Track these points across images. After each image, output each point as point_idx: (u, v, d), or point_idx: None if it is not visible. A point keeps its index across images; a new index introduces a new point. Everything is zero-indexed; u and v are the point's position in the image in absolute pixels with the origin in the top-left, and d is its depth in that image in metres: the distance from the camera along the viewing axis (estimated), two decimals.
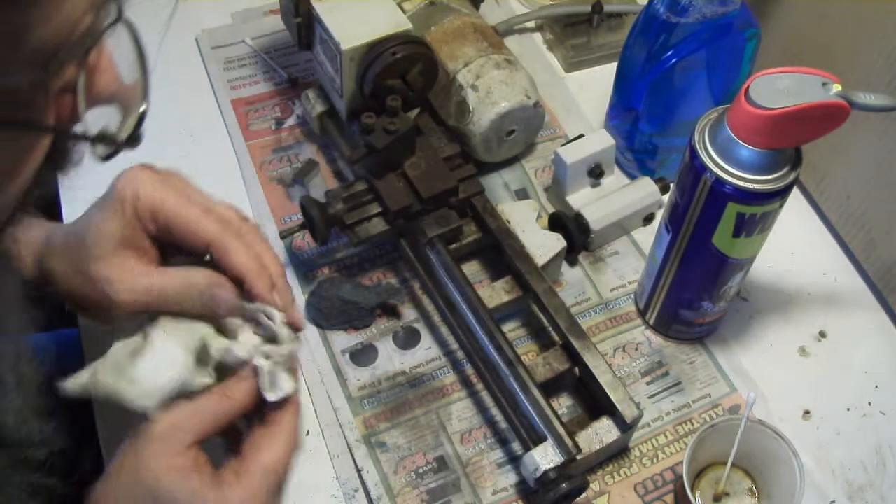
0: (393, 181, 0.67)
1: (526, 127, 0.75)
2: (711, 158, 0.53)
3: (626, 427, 0.59)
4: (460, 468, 0.62)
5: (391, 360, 0.67)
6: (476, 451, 0.62)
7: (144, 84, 0.43)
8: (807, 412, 0.65)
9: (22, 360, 0.42)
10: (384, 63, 0.66)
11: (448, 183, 0.67)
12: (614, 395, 0.59)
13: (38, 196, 0.37)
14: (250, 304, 0.46)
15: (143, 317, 0.47)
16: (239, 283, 0.47)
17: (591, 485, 0.61)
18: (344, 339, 0.68)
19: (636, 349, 0.68)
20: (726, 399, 0.66)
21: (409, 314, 0.69)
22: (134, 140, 0.42)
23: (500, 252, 0.67)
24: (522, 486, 0.61)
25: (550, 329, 0.67)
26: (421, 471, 0.61)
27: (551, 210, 0.75)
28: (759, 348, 0.69)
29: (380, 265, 0.72)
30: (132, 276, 0.47)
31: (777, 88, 0.49)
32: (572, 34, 0.88)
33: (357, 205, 0.67)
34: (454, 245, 0.68)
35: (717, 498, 0.60)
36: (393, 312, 0.69)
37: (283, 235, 0.68)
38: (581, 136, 0.74)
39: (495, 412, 0.64)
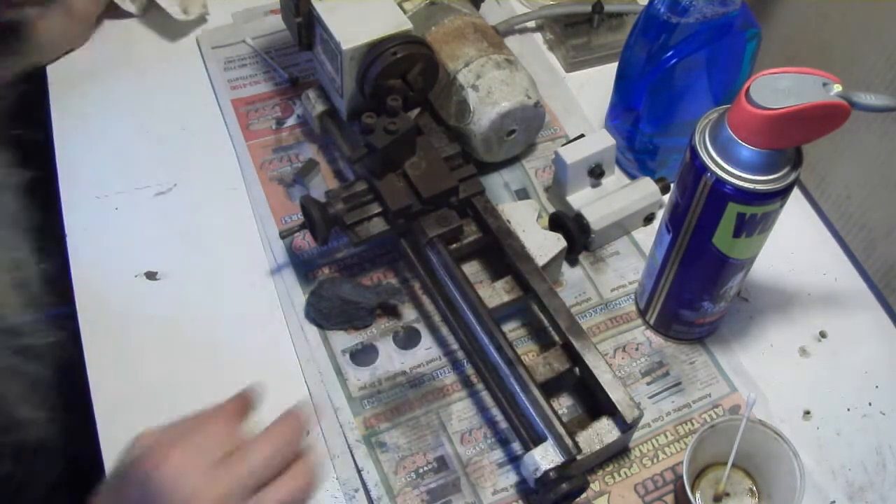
0: (393, 181, 0.67)
1: (526, 127, 0.75)
2: (712, 158, 0.53)
3: (626, 427, 0.59)
4: (460, 468, 0.62)
5: (391, 360, 0.67)
6: (476, 451, 0.62)
7: None
8: (807, 412, 0.65)
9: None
10: (384, 63, 0.66)
11: (448, 183, 0.67)
12: (614, 395, 0.59)
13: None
14: None
15: None
16: None
17: (591, 485, 0.61)
18: (344, 339, 0.68)
19: (636, 349, 0.68)
20: (726, 399, 0.66)
21: (409, 314, 0.69)
22: None
23: (501, 252, 0.67)
24: (522, 486, 0.61)
25: (550, 329, 0.67)
26: (421, 471, 0.61)
27: (551, 210, 0.75)
28: (759, 348, 0.69)
29: (380, 265, 0.72)
30: None
31: (777, 88, 0.49)
32: (573, 34, 0.88)
33: (357, 205, 0.67)
34: (454, 245, 0.68)
35: (717, 498, 0.60)
36: (393, 312, 0.69)
37: (283, 235, 0.68)
38: (581, 136, 0.74)
39: (495, 412, 0.64)
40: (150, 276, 0.70)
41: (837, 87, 0.48)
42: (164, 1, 0.85)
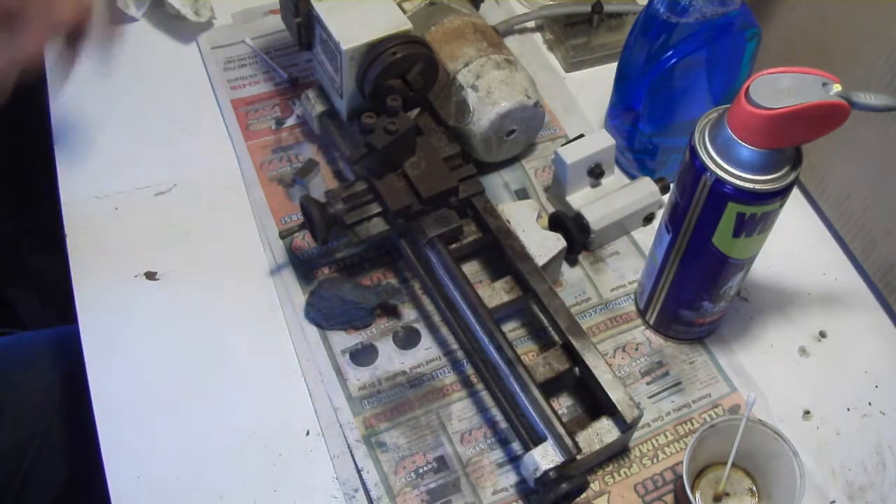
0: (393, 181, 0.67)
1: (526, 127, 0.75)
2: (711, 158, 0.53)
3: (626, 427, 0.59)
4: (460, 468, 0.62)
5: (391, 360, 0.67)
6: (476, 451, 0.62)
7: None
8: (807, 412, 0.65)
9: None
10: (384, 63, 0.66)
11: (448, 183, 0.67)
12: (614, 395, 0.59)
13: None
14: None
15: None
16: None
17: (591, 485, 0.61)
18: (344, 339, 0.68)
19: (636, 349, 0.68)
20: (726, 399, 0.66)
21: (409, 314, 0.69)
22: None
23: (500, 252, 0.67)
24: (522, 486, 0.61)
25: (550, 329, 0.67)
26: (421, 471, 0.61)
27: (551, 210, 0.75)
28: (759, 348, 0.69)
29: (380, 265, 0.72)
30: None
31: (777, 88, 0.49)
32: (572, 34, 0.88)
33: (357, 205, 0.67)
34: (454, 245, 0.68)
35: (717, 498, 0.60)
36: (393, 312, 0.69)
37: (283, 235, 0.68)
38: (581, 136, 0.74)
39: (495, 412, 0.64)
40: (150, 276, 0.70)
41: (837, 87, 0.48)
42: (177, 2, 0.85)
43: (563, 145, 0.73)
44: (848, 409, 0.65)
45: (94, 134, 0.80)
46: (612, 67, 0.75)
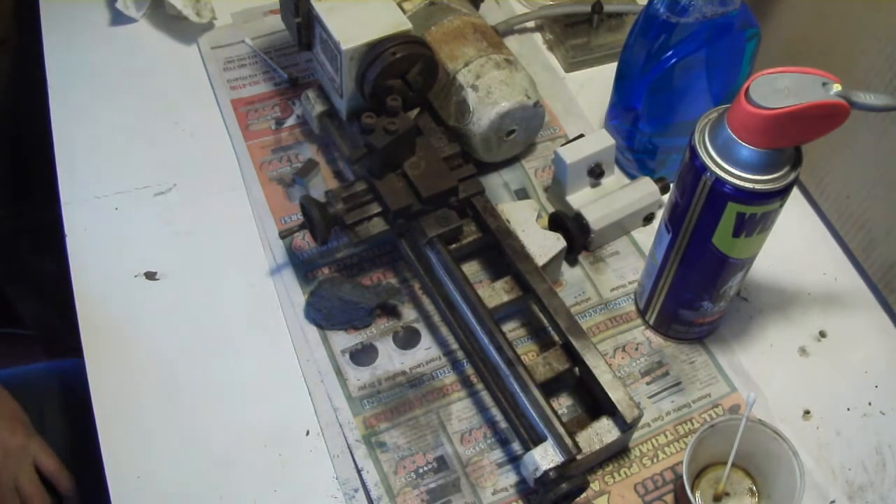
0: (393, 181, 0.67)
1: (526, 127, 0.75)
2: (711, 158, 0.53)
3: (626, 427, 0.59)
4: (460, 468, 0.62)
5: (391, 360, 0.67)
6: (476, 451, 0.63)
7: None
8: (807, 412, 0.65)
9: None
10: (384, 63, 0.66)
11: (448, 183, 0.67)
12: (614, 395, 0.59)
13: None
14: None
15: None
16: None
17: (591, 485, 0.61)
18: (344, 339, 0.68)
19: (636, 349, 0.68)
20: (726, 399, 0.66)
21: (409, 314, 0.69)
22: None
23: (500, 252, 0.67)
24: (522, 486, 0.61)
25: (550, 329, 0.67)
26: (421, 471, 0.61)
27: (551, 210, 0.75)
28: (759, 348, 0.69)
29: (380, 265, 0.72)
30: None
31: (777, 88, 0.49)
32: (572, 34, 0.88)
33: (357, 205, 0.67)
34: (454, 245, 0.68)
35: (717, 498, 0.60)
36: (393, 312, 0.69)
37: (283, 235, 0.68)
38: (581, 136, 0.74)
39: (495, 412, 0.64)
40: (150, 276, 0.70)
41: (837, 87, 0.48)
42: (179, 3, 0.85)
43: (563, 145, 0.73)
44: (848, 409, 0.65)
45: (94, 134, 0.80)
46: (612, 67, 0.75)
